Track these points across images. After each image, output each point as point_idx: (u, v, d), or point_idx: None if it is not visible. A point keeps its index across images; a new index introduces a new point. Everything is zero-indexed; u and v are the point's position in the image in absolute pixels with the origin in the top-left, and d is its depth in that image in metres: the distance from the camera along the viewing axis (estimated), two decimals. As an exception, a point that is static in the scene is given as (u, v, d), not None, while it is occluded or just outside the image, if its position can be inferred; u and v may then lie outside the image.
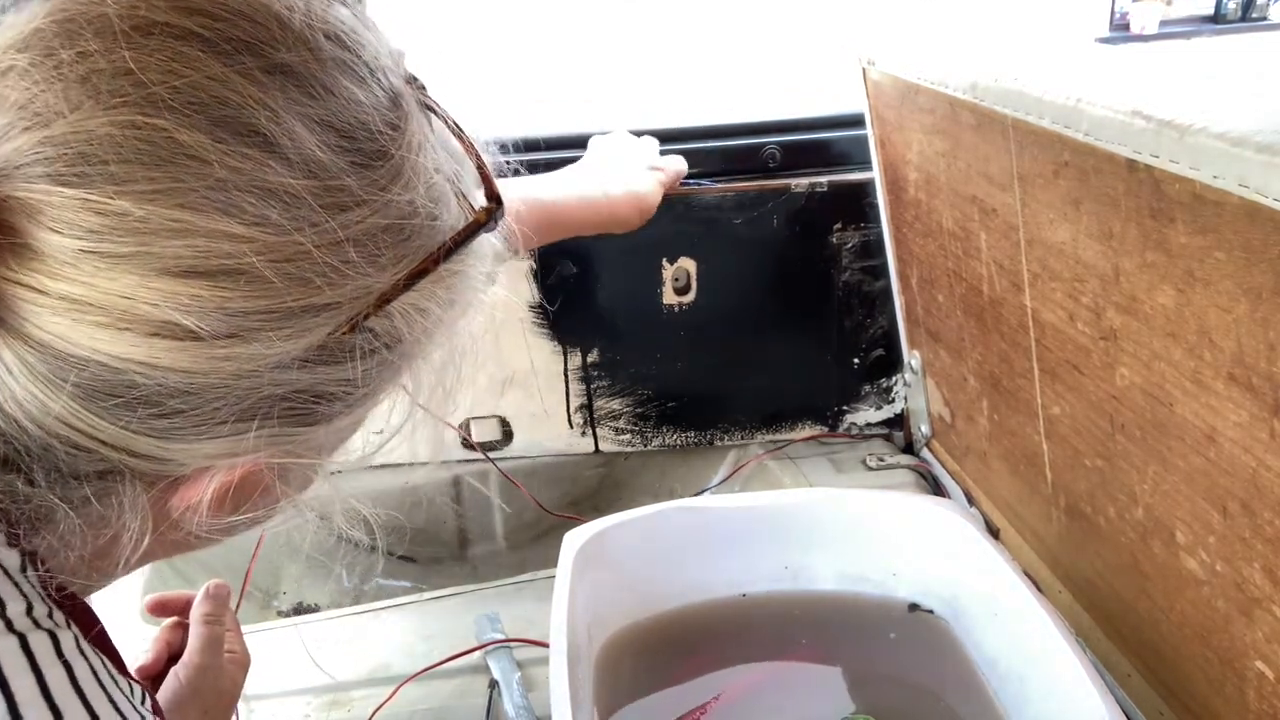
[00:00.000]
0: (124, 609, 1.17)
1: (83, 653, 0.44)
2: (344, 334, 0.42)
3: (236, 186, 0.38)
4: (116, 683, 0.45)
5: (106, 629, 0.49)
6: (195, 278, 0.38)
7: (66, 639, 0.44)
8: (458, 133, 0.51)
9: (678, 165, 1.16)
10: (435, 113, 0.49)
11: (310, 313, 0.41)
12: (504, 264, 0.55)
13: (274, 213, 0.39)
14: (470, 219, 0.48)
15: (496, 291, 0.56)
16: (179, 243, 0.37)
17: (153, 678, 0.78)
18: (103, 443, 0.41)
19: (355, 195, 0.41)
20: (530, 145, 1.36)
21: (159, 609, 0.84)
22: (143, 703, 0.47)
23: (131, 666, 0.77)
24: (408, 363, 0.49)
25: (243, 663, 0.81)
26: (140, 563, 0.48)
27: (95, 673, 0.44)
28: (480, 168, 0.50)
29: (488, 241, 0.50)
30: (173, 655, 0.79)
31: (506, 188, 0.50)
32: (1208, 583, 0.75)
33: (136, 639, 1.11)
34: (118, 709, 0.44)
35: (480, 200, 0.49)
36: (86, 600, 0.49)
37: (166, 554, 0.52)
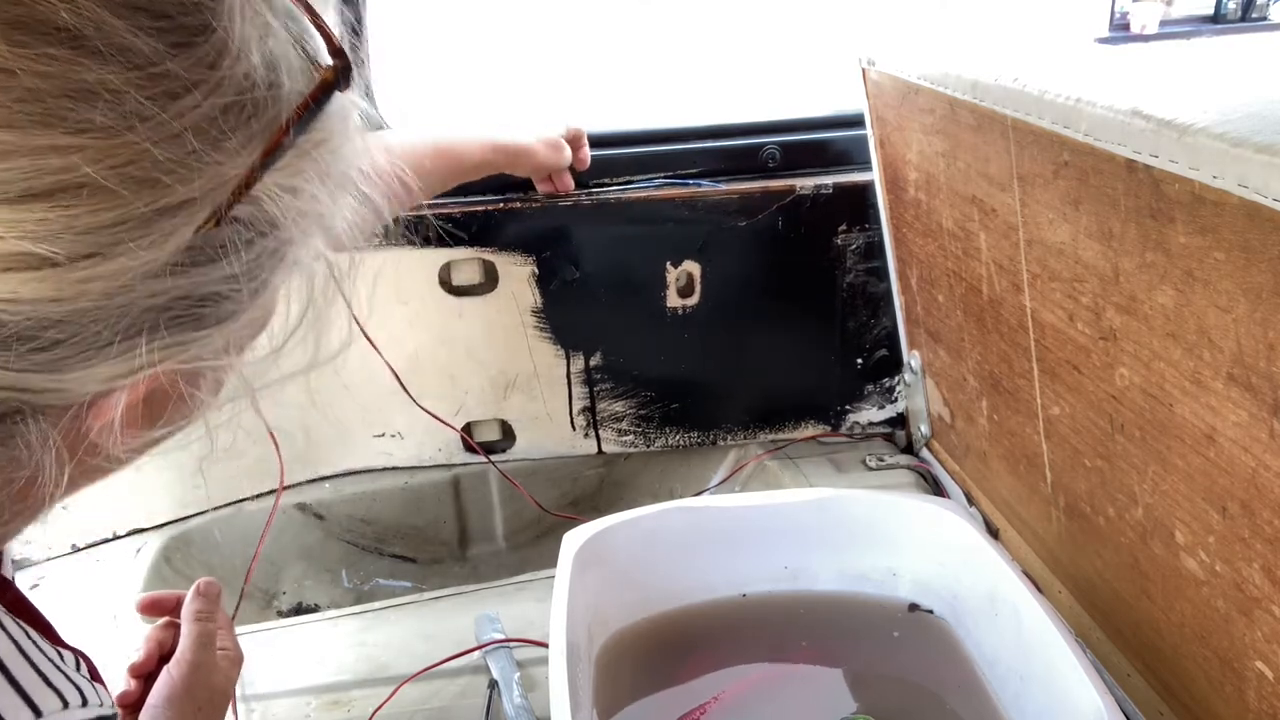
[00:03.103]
0: (124, 608, 1.18)
1: (1, 625, 0.43)
2: (210, 229, 0.40)
3: (50, 93, 0.35)
4: (43, 651, 0.44)
5: (27, 597, 0.47)
6: (33, 201, 0.35)
7: None
8: None
9: (578, 126, 1.26)
10: None
11: (167, 214, 0.38)
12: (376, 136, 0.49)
13: (98, 115, 0.36)
14: (317, 81, 0.43)
15: (379, 160, 0.51)
16: (3, 166, 0.35)
17: (144, 676, 0.78)
18: None
19: (183, 79, 0.38)
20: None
21: (151, 608, 0.83)
22: (78, 669, 0.46)
23: (124, 665, 0.77)
24: (293, 248, 0.45)
25: (235, 659, 0.80)
26: (66, 495, 0.46)
27: (16, 642, 0.43)
28: (318, 25, 0.44)
29: (349, 104, 0.46)
30: (164, 654, 0.79)
31: (412, 135, 0.46)
32: (1207, 583, 0.75)
33: (135, 639, 1.11)
34: (44, 677, 0.43)
35: (325, 60, 0.44)
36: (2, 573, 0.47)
37: (92, 481, 0.49)
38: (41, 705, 0.43)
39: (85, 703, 0.45)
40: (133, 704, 0.76)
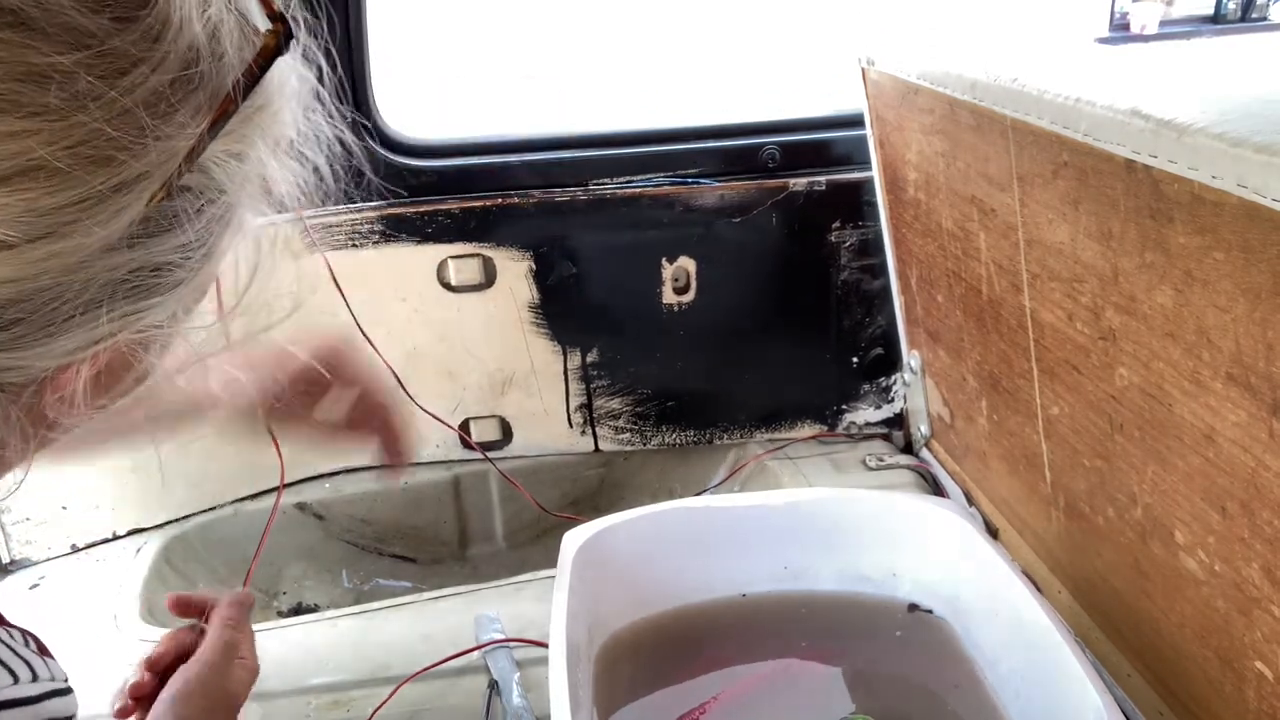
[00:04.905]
0: (124, 608, 1.17)
1: None
2: (163, 200, 0.40)
3: (2, 79, 0.35)
4: None
5: None
6: None
7: None
8: None
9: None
10: None
11: (121, 190, 0.39)
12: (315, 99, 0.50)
13: (51, 97, 0.36)
14: (259, 47, 0.43)
15: (322, 125, 0.52)
16: None
17: (159, 672, 0.78)
18: None
19: (129, 55, 0.38)
20: (533, 145, 1.37)
21: (181, 607, 0.83)
22: (26, 645, 0.46)
23: (124, 665, 0.77)
24: (237, 211, 0.46)
25: (252, 670, 0.80)
26: (25, 468, 0.47)
27: None
28: None
29: (289, 68, 0.46)
30: (182, 655, 0.79)
31: None
32: (1207, 583, 0.75)
33: (135, 638, 1.11)
34: None
35: (265, 24, 0.44)
36: None
37: (55, 456, 0.49)
38: None
39: (35, 677, 0.46)
40: (145, 695, 0.76)
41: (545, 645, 0.87)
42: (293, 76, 0.47)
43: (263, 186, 0.47)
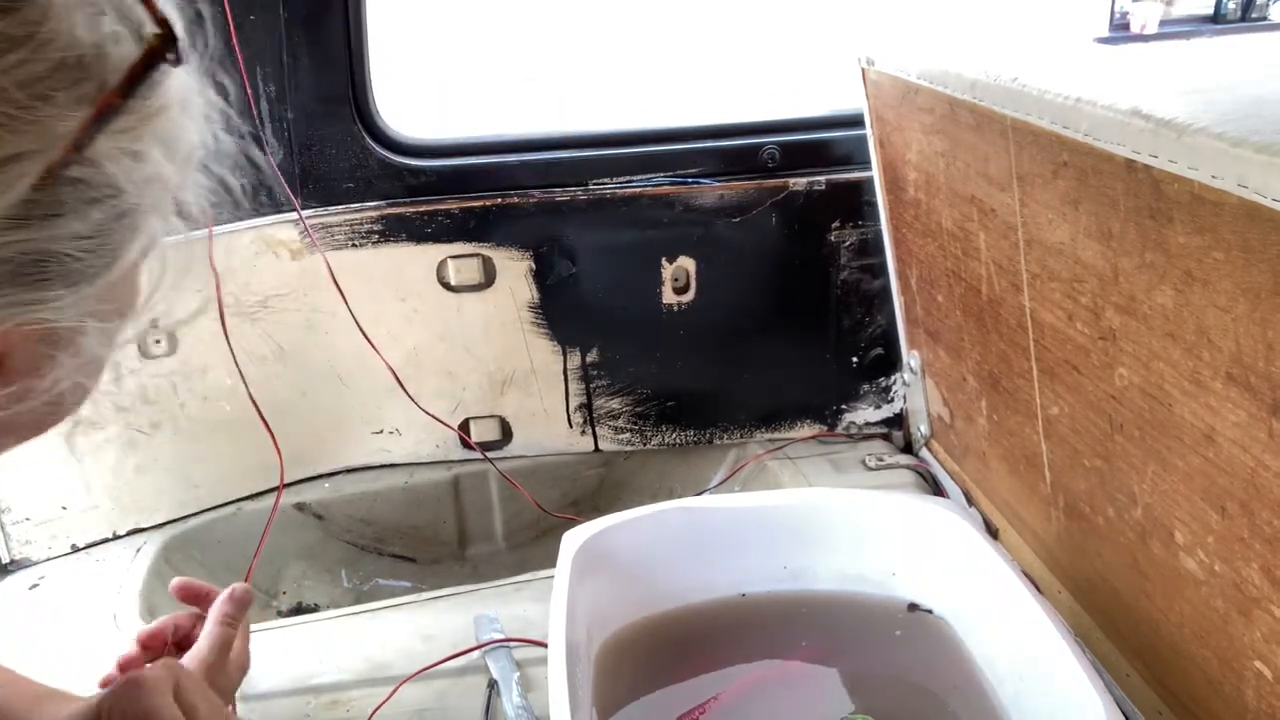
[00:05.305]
0: (124, 608, 1.17)
1: None
2: (49, 185, 0.41)
3: None
4: None
5: None
6: None
7: None
8: None
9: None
10: None
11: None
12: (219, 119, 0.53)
13: None
14: (144, 49, 0.45)
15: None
16: None
17: (152, 649, 0.79)
18: None
19: (6, 36, 0.40)
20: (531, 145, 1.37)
21: (185, 594, 0.84)
22: None
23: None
24: (143, 217, 0.47)
25: (242, 666, 0.81)
26: None
27: None
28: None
29: (191, 84, 0.48)
30: (176, 639, 0.80)
31: None
32: (1206, 583, 0.75)
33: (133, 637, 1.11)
34: None
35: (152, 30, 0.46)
36: None
37: None
38: None
39: None
40: (132, 667, 0.77)
41: (545, 645, 0.87)
42: (195, 88, 0.49)
43: (167, 194, 0.48)
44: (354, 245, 1.31)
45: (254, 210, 1.25)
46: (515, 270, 1.35)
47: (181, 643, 0.80)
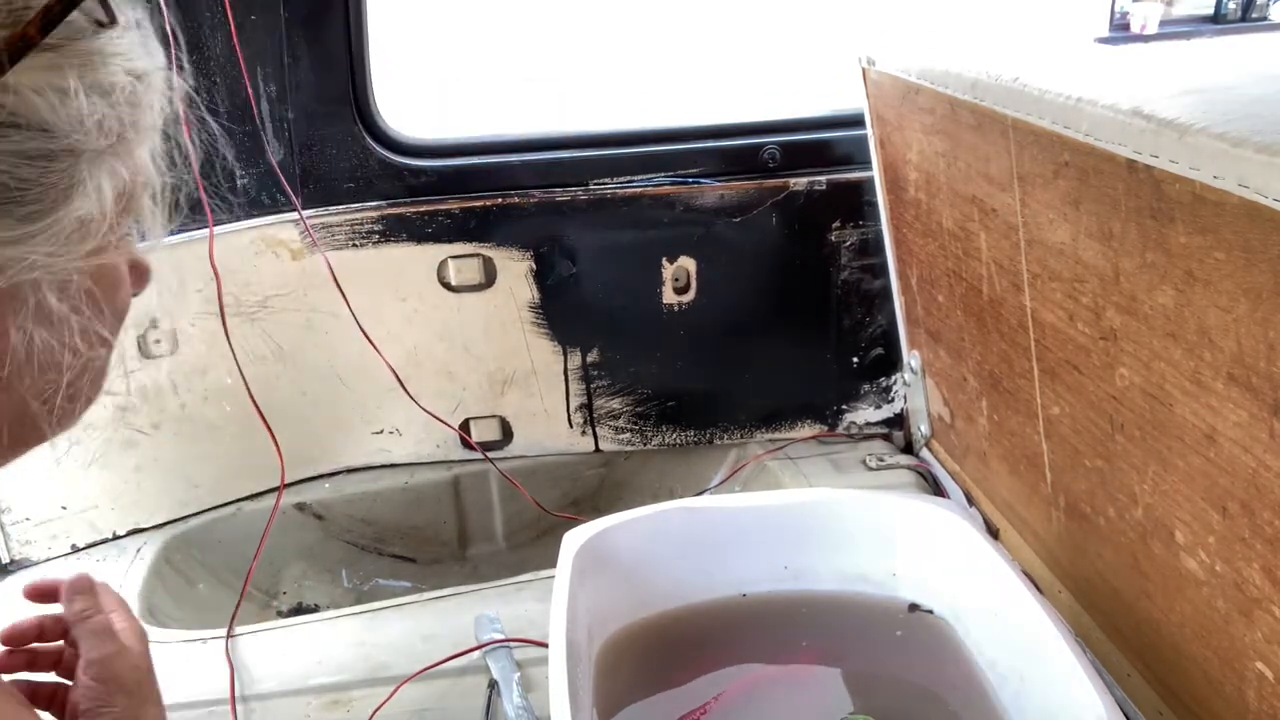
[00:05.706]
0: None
1: None
2: None
3: None
4: None
5: None
6: None
7: None
8: None
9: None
10: None
11: None
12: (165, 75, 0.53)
13: None
14: None
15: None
16: None
17: (17, 645, 0.78)
18: None
19: None
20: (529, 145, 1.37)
21: (38, 595, 0.81)
22: None
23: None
24: (89, 166, 0.48)
25: (139, 633, 0.77)
26: None
27: None
28: None
29: (133, 41, 0.49)
30: (60, 633, 0.79)
31: None
32: (1207, 583, 0.75)
33: None
34: None
35: None
36: None
37: None
38: None
39: None
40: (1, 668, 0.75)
41: (545, 645, 0.87)
42: (142, 50, 0.50)
43: (111, 140, 0.48)
44: (354, 245, 1.31)
45: (254, 210, 1.25)
46: (516, 270, 1.35)
47: (44, 637, 0.78)
